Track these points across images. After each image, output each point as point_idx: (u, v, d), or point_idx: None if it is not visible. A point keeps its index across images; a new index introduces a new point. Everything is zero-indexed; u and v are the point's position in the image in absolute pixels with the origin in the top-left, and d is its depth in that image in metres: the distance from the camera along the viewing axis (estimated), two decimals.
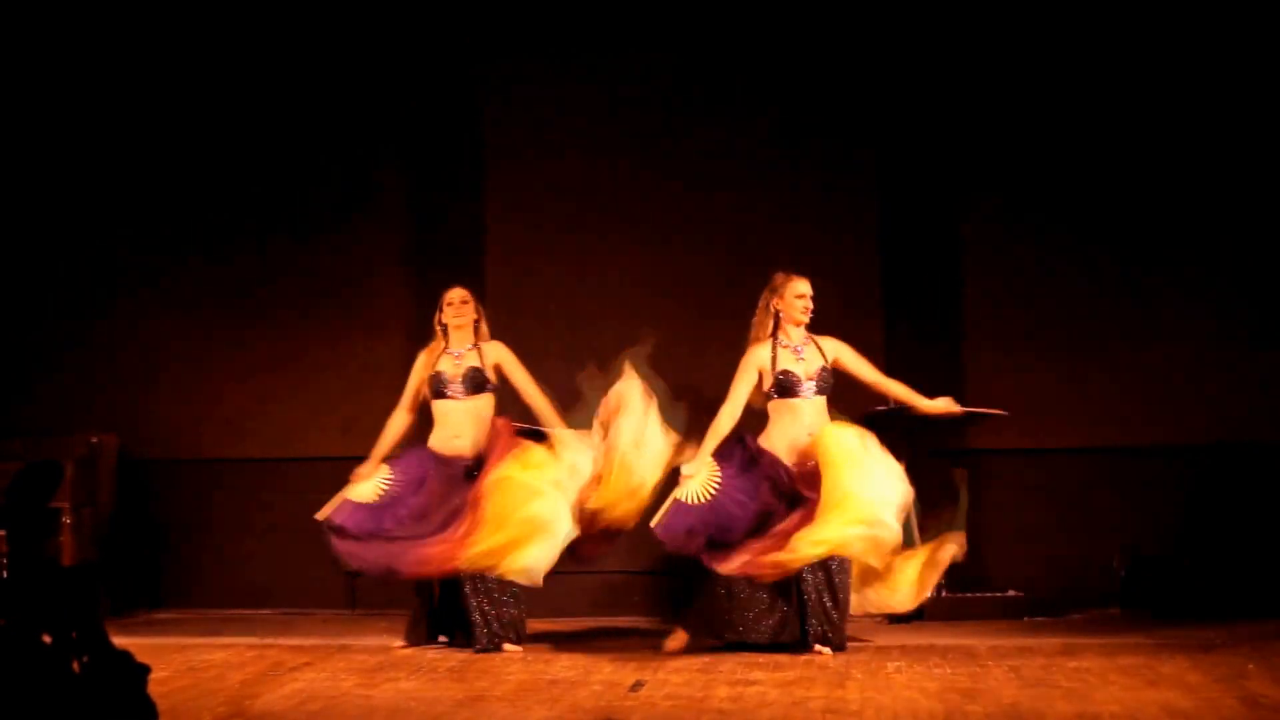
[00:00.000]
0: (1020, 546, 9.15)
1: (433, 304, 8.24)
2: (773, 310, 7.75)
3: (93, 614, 4.19)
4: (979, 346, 9.28)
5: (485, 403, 8.09)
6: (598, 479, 7.72)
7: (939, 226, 9.34)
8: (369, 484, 7.89)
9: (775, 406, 7.71)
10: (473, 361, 8.09)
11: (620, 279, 9.41)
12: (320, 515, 7.83)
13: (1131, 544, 8.90)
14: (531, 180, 9.34)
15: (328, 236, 9.62)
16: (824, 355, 7.74)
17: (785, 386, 7.66)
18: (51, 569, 4.30)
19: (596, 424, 7.76)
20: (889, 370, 8.03)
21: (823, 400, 7.70)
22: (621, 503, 7.70)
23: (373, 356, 9.48)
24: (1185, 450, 9.09)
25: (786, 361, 7.69)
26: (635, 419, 7.68)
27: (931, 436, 8.79)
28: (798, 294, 7.74)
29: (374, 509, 7.82)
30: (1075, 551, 9.09)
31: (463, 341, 8.13)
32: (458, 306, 8.13)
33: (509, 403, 8.18)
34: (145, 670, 4.32)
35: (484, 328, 8.18)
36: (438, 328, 8.16)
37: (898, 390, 7.87)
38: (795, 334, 7.75)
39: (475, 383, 8.06)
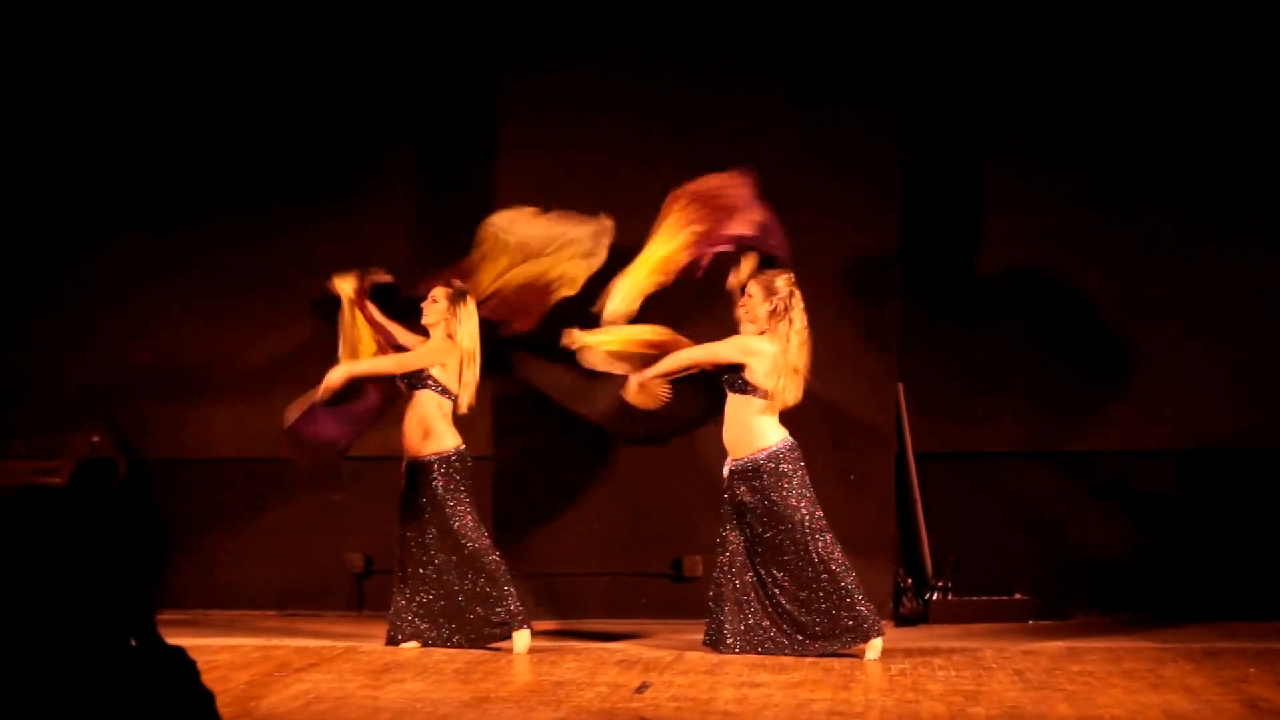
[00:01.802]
0: (1025, 550, 9.16)
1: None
2: None
3: (145, 609, 4.26)
4: (987, 350, 9.28)
5: (424, 397, 8.14)
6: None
7: (959, 216, 9.32)
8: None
9: None
10: None
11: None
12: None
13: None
14: (544, 167, 9.27)
15: (333, 235, 9.58)
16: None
17: None
18: (104, 565, 4.36)
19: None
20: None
21: (738, 397, 7.77)
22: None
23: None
24: (1190, 454, 9.09)
25: None
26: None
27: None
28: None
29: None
30: (1080, 555, 9.09)
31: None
32: (427, 304, 8.22)
33: None
34: (193, 664, 4.37)
35: (454, 326, 8.20)
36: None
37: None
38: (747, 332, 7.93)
39: (409, 380, 8.19)
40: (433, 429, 8.08)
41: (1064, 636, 8.22)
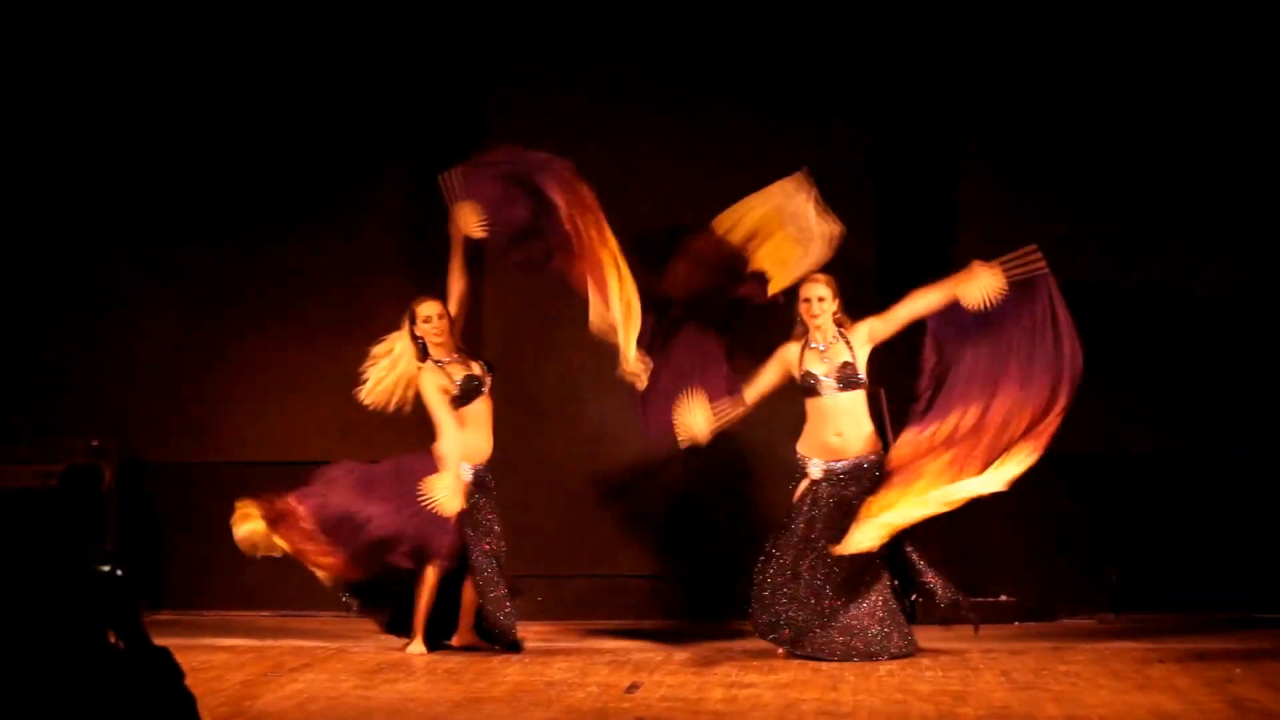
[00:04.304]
0: (1012, 551, 9.18)
1: None
2: (798, 314, 7.90)
3: (131, 613, 4.29)
4: None
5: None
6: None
7: (935, 223, 9.36)
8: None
9: (807, 406, 7.85)
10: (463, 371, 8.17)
11: None
12: None
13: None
14: None
15: (328, 239, 9.63)
16: (852, 349, 7.82)
17: (807, 387, 7.80)
18: (90, 570, 4.39)
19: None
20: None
21: (852, 395, 7.78)
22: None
23: None
24: (1178, 456, 9.13)
25: (810, 362, 7.82)
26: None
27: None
28: (803, 298, 7.87)
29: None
30: (1066, 556, 9.13)
31: (444, 354, 8.17)
32: (435, 323, 8.13)
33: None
34: (178, 666, 4.41)
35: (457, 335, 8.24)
36: (414, 344, 8.17)
37: (932, 298, 7.84)
38: (822, 334, 7.84)
39: (479, 388, 8.16)
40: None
41: (1050, 637, 8.26)
